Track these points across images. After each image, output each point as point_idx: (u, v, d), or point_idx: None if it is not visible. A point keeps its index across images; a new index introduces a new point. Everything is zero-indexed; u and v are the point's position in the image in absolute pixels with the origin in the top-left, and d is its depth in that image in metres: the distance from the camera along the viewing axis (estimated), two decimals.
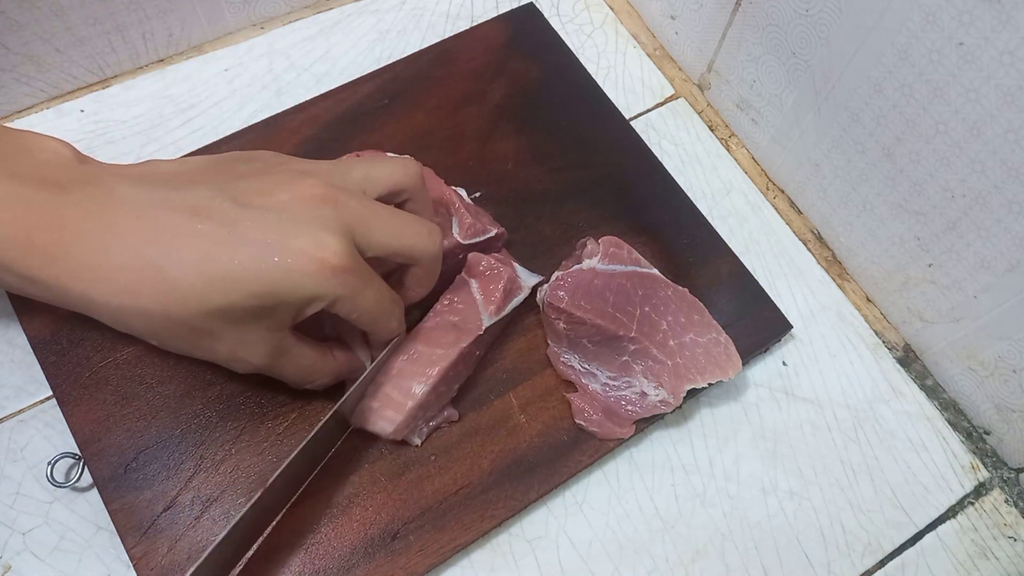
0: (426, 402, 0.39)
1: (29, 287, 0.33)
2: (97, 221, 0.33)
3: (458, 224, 0.43)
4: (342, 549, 0.39)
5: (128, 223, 0.33)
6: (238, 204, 0.33)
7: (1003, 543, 0.44)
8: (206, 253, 0.32)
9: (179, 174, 0.35)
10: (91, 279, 0.32)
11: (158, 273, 0.32)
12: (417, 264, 0.38)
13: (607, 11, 0.59)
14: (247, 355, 0.35)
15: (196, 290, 0.32)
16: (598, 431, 0.42)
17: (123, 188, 0.34)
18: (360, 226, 0.34)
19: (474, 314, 0.41)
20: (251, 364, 0.36)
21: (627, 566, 0.41)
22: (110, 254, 0.32)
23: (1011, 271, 0.39)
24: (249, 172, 0.35)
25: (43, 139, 0.35)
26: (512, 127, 0.50)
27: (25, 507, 0.40)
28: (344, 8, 0.57)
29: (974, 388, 0.45)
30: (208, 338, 0.34)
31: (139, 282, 0.32)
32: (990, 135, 0.36)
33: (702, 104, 0.56)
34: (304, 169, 0.36)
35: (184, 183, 0.34)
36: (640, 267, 0.43)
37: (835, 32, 0.42)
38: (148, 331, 0.35)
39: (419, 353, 0.40)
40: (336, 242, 0.33)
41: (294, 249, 0.33)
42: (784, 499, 0.43)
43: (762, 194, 0.52)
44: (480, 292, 0.42)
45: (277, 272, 0.33)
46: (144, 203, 0.33)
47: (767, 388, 0.46)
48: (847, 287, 0.50)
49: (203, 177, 0.35)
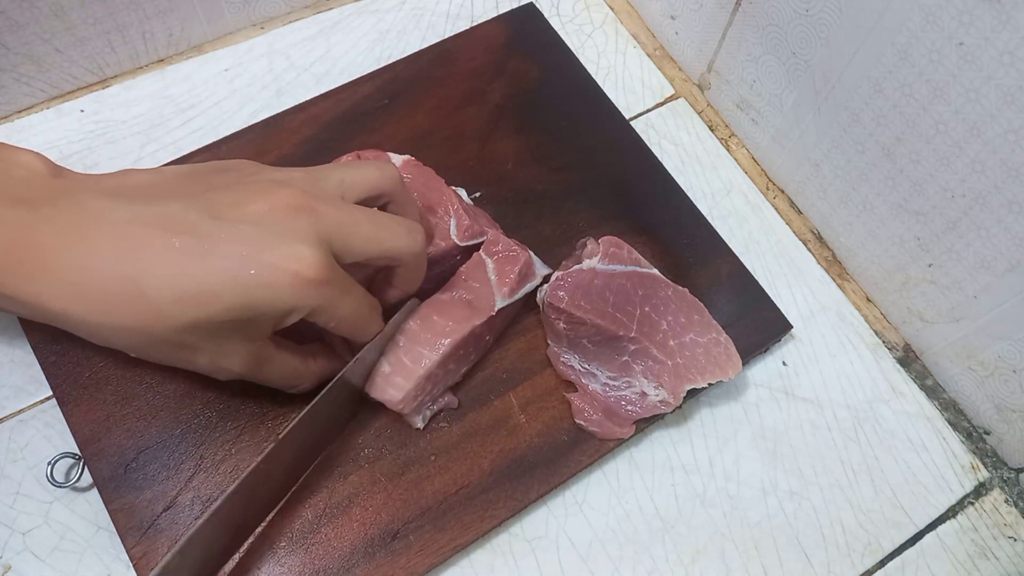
0: (434, 374, 0.39)
1: (7, 304, 0.33)
2: (71, 238, 0.32)
3: (456, 226, 0.43)
4: (342, 549, 0.39)
5: (102, 239, 0.33)
6: (212, 217, 0.33)
7: (1003, 543, 0.44)
8: (181, 269, 0.32)
9: (153, 186, 0.35)
10: (69, 297, 0.32)
11: (135, 289, 0.32)
12: (400, 265, 0.37)
13: (607, 11, 0.59)
14: (227, 365, 0.35)
15: (172, 306, 0.32)
16: (598, 431, 0.42)
17: (97, 203, 0.33)
18: (337, 234, 0.34)
19: (487, 294, 0.41)
20: (232, 373, 0.36)
21: (627, 566, 0.41)
22: (86, 271, 0.32)
23: (1011, 271, 0.39)
24: (223, 184, 0.35)
25: (16, 152, 0.35)
26: (512, 127, 0.50)
27: (25, 507, 0.40)
28: (344, 8, 0.57)
29: (974, 388, 0.45)
30: (187, 351, 0.34)
31: (116, 300, 0.32)
32: (990, 135, 0.36)
33: (702, 104, 0.56)
34: (279, 179, 0.35)
35: (158, 196, 0.34)
36: (640, 267, 0.43)
37: (835, 32, 0.42)
38: (127, 346, 0.35)
39: (433, 323, 0.40)
40: (312, 253, 0.33)
41: (269, 263, 0.32)
42: (784, 499, 0.43)
43: (762, 194, 0.52)
44: (495, 273, 0.42)
45: (253, 286, 0.32)
46: (118, 218, 0.33)
47: (767, 388, 0.46)
48: (847, 287, 0.50)
49: (177, 190, 0.35)
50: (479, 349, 0.42)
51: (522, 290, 0.42)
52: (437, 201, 0.43)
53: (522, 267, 0.42)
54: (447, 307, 0.41)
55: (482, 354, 0.43)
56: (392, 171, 0.38)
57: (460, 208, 0.43)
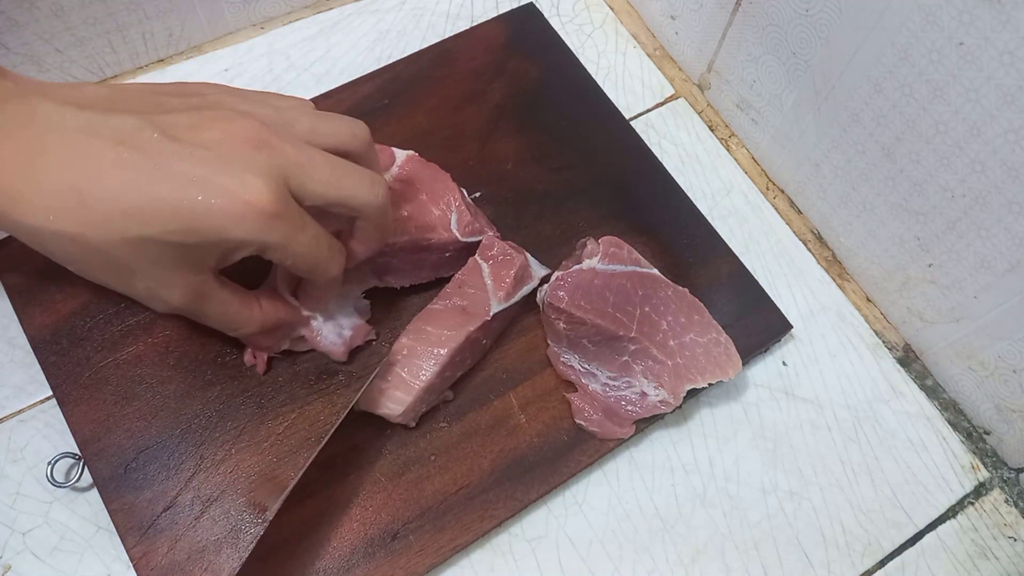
0: (432, 385, 0.39)
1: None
2: (17, 141, 0.32)
3: (457, 220, 0.43)
4: (342, 549, 0.39)
5: (50, 145, 0.32)
6: (167, 137, 0.32)
7: (1003, 543, 0.44)
8: (128, 182, 0.32)
9: (109, 99, 0.34)
10: (10, 197, 0.32)
11: (77, 197, 0.32)
12: (361, 216, 0.36)
13: (607, 11, 0.59)
14: (165, 295, 0.35)
15: (114, 218, 0.32)
16: (598, 431, 0.42)
17: (48, 107, 0.33)
18: (295, 173, 0.33)
19: (483, 299, 0.41)
20: (169, 304, 0.35)
21: (627, 566, 0.41)
22: (29, 175, 0.32)
23: (1011, 271, 0.39)
24: (183, 107, 0.34)
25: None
26: (512, 127, 0.50)
27: (25, 507, 0.40)
28: (344, 8, 0.57)
29: (974, 388, 0.45)
30: (126, 272, 0.34)
31: (58, 206, 0.32)
32: (990, 135, 0.36)
33: (702, 104, 0.56)
34: (244, 110, 0.34)
35: (113, 110, 0.33)
36: (640, 267, 0.43)
37: (835, 32, 0.42)
38: (66, 257, 0.34)
39: (428, 334, 0.40)
40: (264, 185, 0.32)
41: (219, 188, 0.32)
42: (784, 499, 0.43)
43: (762, 194, 0.52)
44: (491, 277, 0.42)
45: (199, 209, 0.32)
46: (69, 126, 0.32)
47: (767, 388, 0.46)
48: (847, 287, 0.50)
49: (134, 106, 0.34)
50: (475, 353, 0.43)
51: (519, 294, 0.42)
52: (441, 194, 0.43)
53: (518, 271, 0.42)
54: (441, 316, 0.41)
55: (479, 358, 0.43)
56: (364, 134, 0.37)
57: (463, 204, 0.43)
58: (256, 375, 0.42)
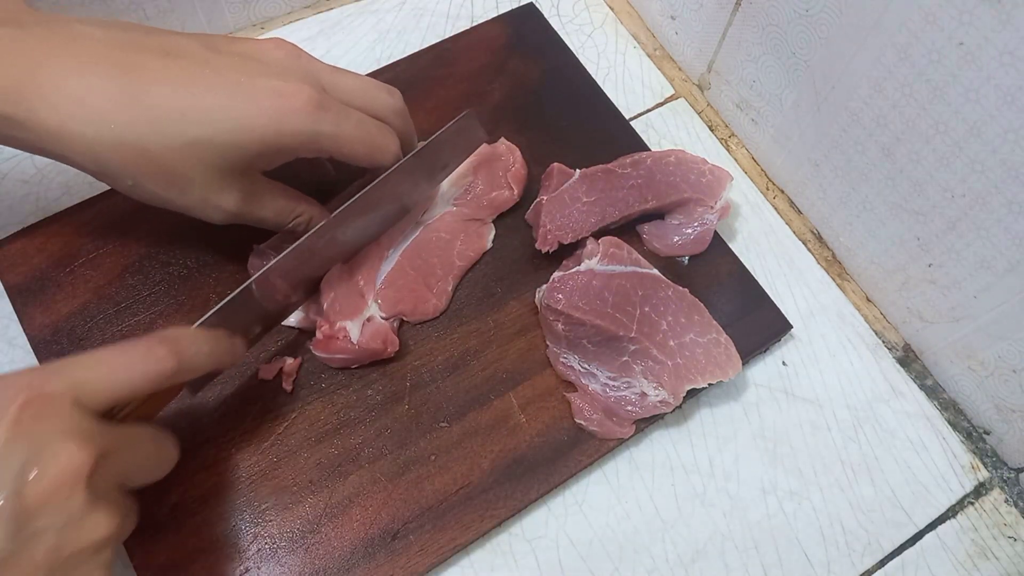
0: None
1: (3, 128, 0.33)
2: (68, 55, 0.32)
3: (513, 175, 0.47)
4: (342, 549, 0.39)
5: (102, 57, 0.33)
6: (208, 48, 0.35)
7: (1003, 543, 0.44)
8: (181, 85, 0.33)
9: (147, 28, 0.36)
10: (65, 108, 0.32)
11: (132, 100, 0.32)
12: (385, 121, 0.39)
13: (607, 11, 0.59)
14: (221, 200, 0.36)
15: (172, 119, 0.33)
16: (598, 431, 0.42)
17: (91, 29, 0.34)
18: (327, 79, 0.37)
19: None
20: (223, 211, 0.37)
21: (627, 566, 0.41)
22: (82, 81, 0.32)
23: (1011, 271, 0.39)
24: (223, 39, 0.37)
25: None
26: (512, 127, 0.50)
27: None
28: (344, 8, 0.57)
29: (974, 388, 0.45)
30: (182, 180, 0.35)
31: (115, 108, 0.32)
32: (990, 135, 0.36)
33: (702, 104, 0.56)
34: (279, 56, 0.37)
35: (153, 32, 0.35)
36: (640, 267, 0.43)
37: (835, 32, 0.42)
38: (123, 170, 0.34)
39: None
40: (306, 83, 0.35)
41: (266, 88, 0.34)
42: (784, 499, 0.43)
43: (762, 194, 0.52)
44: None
45: (251, 108, 0.34)
46: (116, 41, 0.34)
47: (767, 388, 0.46)
48: (847, 287, 0.50)
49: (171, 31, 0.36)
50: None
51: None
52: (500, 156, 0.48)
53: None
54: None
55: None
56: (401, 106, 0.41)
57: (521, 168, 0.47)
58: (256, 375, 0.42)
